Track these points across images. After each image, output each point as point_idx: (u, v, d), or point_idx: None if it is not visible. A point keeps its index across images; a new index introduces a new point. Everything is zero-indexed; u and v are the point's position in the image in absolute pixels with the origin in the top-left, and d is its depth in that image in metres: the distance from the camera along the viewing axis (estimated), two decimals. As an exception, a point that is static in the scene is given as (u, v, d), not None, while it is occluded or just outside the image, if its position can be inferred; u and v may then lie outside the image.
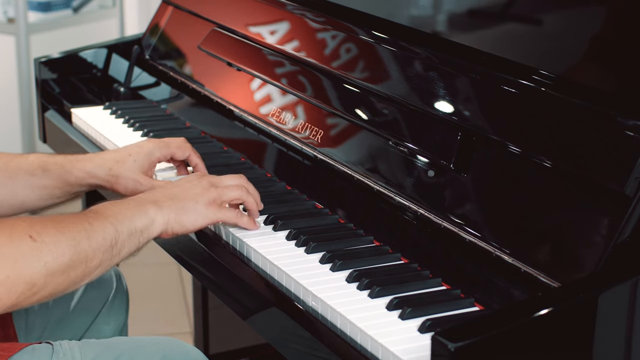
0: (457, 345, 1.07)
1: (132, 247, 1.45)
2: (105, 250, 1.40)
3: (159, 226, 1.48)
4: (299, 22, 1.93)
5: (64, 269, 1.34)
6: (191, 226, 1.51)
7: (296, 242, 1.53)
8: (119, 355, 1.48)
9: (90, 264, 1.38)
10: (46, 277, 1.33)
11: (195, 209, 1.51)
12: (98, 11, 4.26)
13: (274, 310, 1.42)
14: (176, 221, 1.49)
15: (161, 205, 1.49)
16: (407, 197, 1.53)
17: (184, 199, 1.51)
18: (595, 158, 1.30)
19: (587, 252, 1.27)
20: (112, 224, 1.42)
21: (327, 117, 1.75)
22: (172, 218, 1.49)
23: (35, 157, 1.72)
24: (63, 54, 2.42)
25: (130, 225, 1.44)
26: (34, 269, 1.31)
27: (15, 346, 1.44)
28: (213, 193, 1.54)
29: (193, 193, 1.53)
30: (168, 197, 1.51)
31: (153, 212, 1.47)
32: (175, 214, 1.49)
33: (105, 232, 1.40)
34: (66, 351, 1.46)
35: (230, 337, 2.63)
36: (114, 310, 1.85)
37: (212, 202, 1.53)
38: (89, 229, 1.39)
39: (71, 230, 1.37)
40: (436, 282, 1.41)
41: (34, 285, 1.32)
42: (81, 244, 1.37)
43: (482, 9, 1.64)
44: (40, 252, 1.32)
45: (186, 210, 1.50)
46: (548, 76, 1.43)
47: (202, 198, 1.52)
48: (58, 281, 1.35)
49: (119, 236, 1.42)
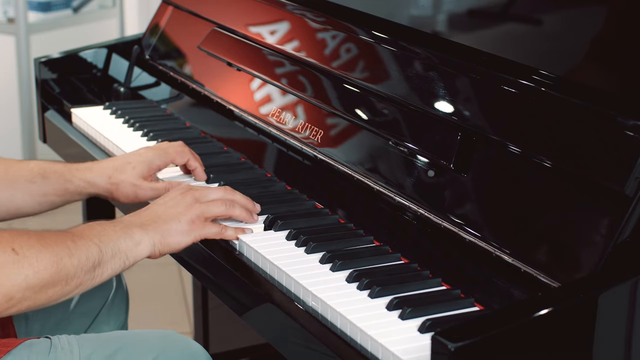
0: (457, 345, 1.07)
1: (117, 269, 1.46)
2: (88, 270, 1.41)
3: (146, 248, 1.49)
4: (299, 22, 1.93)
5: (43, 285, 1.35)
6: (177, 246, 1.52)
7: (296, 242, 1.53)
8: (117, 348, 1.48)
9: (70, 282, 1.39)
10: (24, 291, 1.33)
11: (179, 229, 1.52)
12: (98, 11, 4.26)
13: (274, 310, 1.42)
14: (162, 243, 1.50)
15: (146, 228, 1.49)
16: (407, 197, 1.53)
17: (167, 220, 1.52)
18: (595, 158, 1.30)
19: (587, 252, 1.27)
20: (97, 244, 1.42)
21: (327, 117, 1.75)
22: (157, 240, 1.50)
23: (35, 164, 1.72)
24: (63, 54, 2.42)
25: (115, 247, 1.45)
26: (15, 281, 1.32)
27: (13, 341, 1.45)
28: (196, 210, 1.54)
29: (176, 212, 1.53)
30: (152, 219, 1.52)
31: (139, 236, 1.48)
32: (161, 236, 1.50)
33: (88, 252, 1.41)
34: (64, 345, 1.46)
35: (230, 337, 2.63)
36: (114, 310, 1.85)
37: (195, 220, 1.53)
38: (73, 248, 1.39)
39: (54, 246, 1.37)
40: (436, 282, 1.41)
41: (11, 299, 1.32)
42: (63, 260, 1.37)
43: (482, 9, 1.64)
44: (21, 266, 1.33)
45: (170, 232, 1.51)
46: (548, 76, 1.43)
47: (185, 217, 1.52)
48: (36, 296, 1.35)
49: (103, 257, 1.42)
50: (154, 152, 1.75)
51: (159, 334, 1.56)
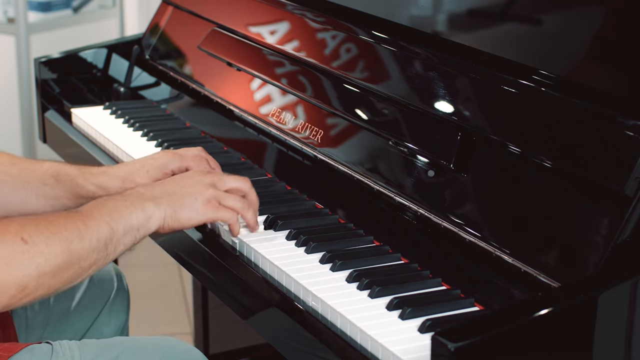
0: (457, 345, 1.07)
1: (128, 244, 1.45)
2: (100, 250, 1.40)
3: (156, 222, 1.47)
4: (299, 22, 1.93)
5: (55, 271, 1.34)
6: (187, 222, 1.50)
7: (296, 242, 1.53)
8: (118, 355, 1.47)
9: (83, 264, 1.38)
10: (38, 279, 1.32)
11: (193, 205, 1.50)
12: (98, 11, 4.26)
13: (274, 310, 1.42)
14: (172, 217, 1.48)
15: (159, 201, 1.48)
16: (407, 197, 1.53)
17: (182, 195, 1.50)
18: (595, 158, 1.30)
19: (587, 252, 1.27)
20: (107, 222, 1.41)
21: (327, 117, 1.75)
22: (168, 214, 1.48)
23: (50, 165, 1.70)
24: (63, 54, 2.42)
25: (126, 223, 1.43)
26: (26, 271, 1.31)
27: (15, 346, 1.44)
28: (213, 192, 1.52)
29: (192, 190, 1.51)
30: (166, 192, 1.50)
31: (150, 209, 1.46)
32: (173, 210, 1.48)
33: (99, 232, 1.40)
34: (66, 351, 1.46)
35: (230, 337, 2.63)
36: (115, 310, 1.85)
37: (210, 201, 1.51)
38: (83, 230, 1.38)
39: (64, 231, 1.36)
40: (436, 282, 1.41)
41: (25, 288, 1.31)
42: (74, 244, 1.36)
43: (482, 9, 1.64)
44: (32, 255, 1.32)
45: (183, 207, 1.49)
46: (548, 76, 1.43)
47: (201, 196, 1.51)
48: (50, 282, 1.34)
49: (114, 234, 1.41)
50: (170, 156, 1.70)
51: (159, 340, 1.55)
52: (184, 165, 1.70)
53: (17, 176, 1.68)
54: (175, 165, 1.69)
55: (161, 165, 1.68)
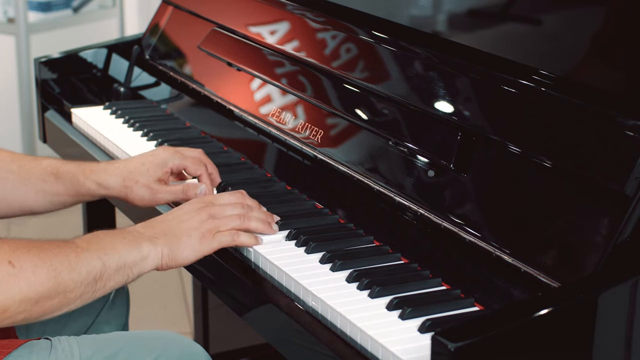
0: (457, 345, 1.07)
1: (121, 281, 1.43)
2: (88, 283, 1.38)
3: (152, 262, 1.46)
4: (299, 22, 1.93)
5: (39, 298, 1.34)
6: (184, 261, 1.49)
7: (296, 242, 1.53)
8: (118, 350, 1.47)
9: (69, 295, 1.37)
10: (19, 304, 1.32)
11: (189, 243, 1.48)
12: (98, 11, 4.26)
13: (274, 310, 1.42)
14: (169, 257, 1.47)
15: (155, 241, 1.47)
16: (407, 197, 1.53)
17: (178, 234, 1.48)
18: (595, 158, 1.30)
19: (587, 252, 1.27)
20: (100, 258, 1.40)
21: (327, 117, 1.75)
22: (165, 254, 1.47)
23: (49, 162, 1.70)
24: (63, 54, 2.42)
25: (120, 260, 1.42)
26: (8, 294, 1.31)
27: (14, 342, 1.44)
28: (209, 224, 1.50)
29: (187, 227, 1.49)
30: (163, 232, 1.49)
31: (147, 249, 1.45)
32: (169, 250, 1.47)
33: (90, 266, 1.38)
34: (65, 347, 1.46)
35: (230, 337, 2.63)
36: (115, 310, 1.85)
37: (206, 234, 1.49)
38: (74, 261, 1.37)
39: (53, 260, 1.35)
40: (436, 282, 1.41)
41: (6, 310, 1.31)
42: (62, 274, 1.35)
43: (482, 9, 1.64)
44: (16, 279, 1.31)
45: (179, 246, 1.48)
46: (548, 76, 1.43)
47: (196, 232, 1.49)
48: (32, 309, 1.34)
49: (105, 271, 1.40)
50: (170, 153, 1.70)
51: (159, 334, 1.55)
52: (182, 164, 1.70)
53: (17, 173, 1.68)
54: (175, 164, 1.70)
55: (161, 163, 1.69)
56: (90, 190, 1.68)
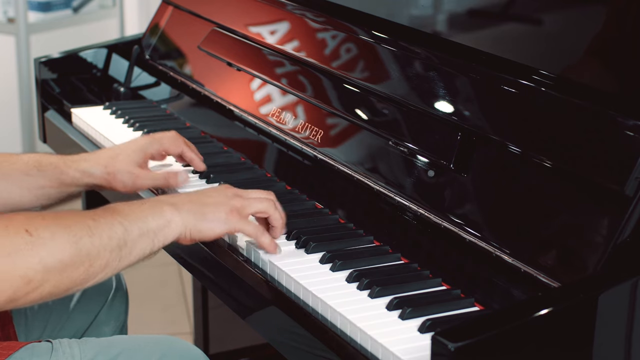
0: (457, 345, 1.07)
1: (146, 249, 1.39)
2: (112, 249, 1.35)
3: (176, 229, 1.42)
4: (299, 22, 1.93)
5: (62, 267, 1.30)
6: (209, 233, 1.45)
7: (296, 242, 1.53)
8: (118, 353, 1.47)
9: (94, 263, 1.33)
10: (43, 274, 1.29)
11: (216, 215, 1.44)
12: (98, 11, 4.26)
13: (274, 310, 1.42)
14: (194, 226, 1.43)
15: (179, 207, 1.43)
16: (407, 197, 1.53)
17: (204, 204, 1.45)
18: (595, 158, 1.30)
19: (587, 252, 1.27)
20: (121, 223, 1.36)
21: (327, 117, 1.75)
22: (190, 222, 1.43)
23: (30, 157, 1.71)
24: (63, 54, 2.42)
25: (142, 225, 1.38)
26: (29, 263, 1.28)
27: (14, 345, 1.44)
28: (237, 202, 1.47)
29: (215, 200, 1.46)
30: (188, 200, 1.45)
31: (170, 214, 1.41)
32: (195, 219, 1.43)
33: (111, 231, 1.35)
34: (65, 349, 1.46)
35: (230, 337, 2.63)
36: (114, 310, 1.85)
37: (233, 211, 1.46)
38: (93, 226, 1.34)
39: (72, 227, 1.32)
40: (436, 282, 1.41)
41: (30, 281, 1.28)
42: (82, 240, 1.32)
43: (482, 9, 1.64)
44: (35, 247, 1.28)
45: (205, 216, 1.44)
46: (548, 76, 1.43)
47: (224, 206, 1.46)
48: (57, 279, 1.30)
49: (128, 236, 1.36)
50: (148, 139, 1.75)
51: (159, 339, 1.55)
52: (162, 148, 1.75)
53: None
54: (154, 149, 1.74)
55: (141, 149, 1.72)
56: (75, 178, 1.69)
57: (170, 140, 1.75)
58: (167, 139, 1.75)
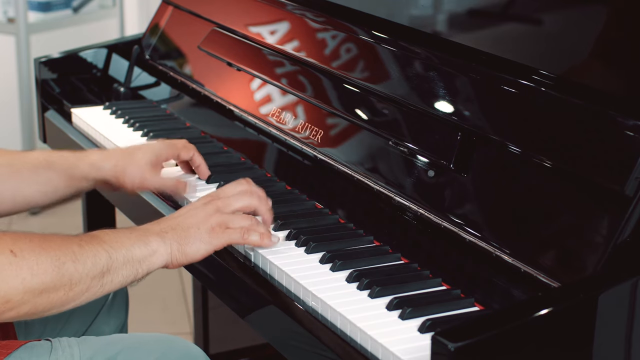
0: (457, 345, 1.07)
1: (129, 277, 1.42)
2: (95, 276, 1.37)
3: (161, 257, 1.44)
4: (299, 22, 1.93)
5: (43, 289, 1.32)
6: (195, 255, 1.47)
7: (296, 242, 1.53)
8: (118, 352, 1.47)
9: (75, 288, 1.35)
10: (23, 295, 1.30)
11: (198, 236, 1.46)
12: (98, 11, 4.26)
13: (274, 310, 1.43)
14: (179, 251, 1.45)
15: (164, 237, 1.45)
16: (407, 197, 1.53)
17: (186, 227, 1.47)
18: (595, 158, 1.30)
19: (587, 252, 1.27)
20: (106, 250, 1.38)
21: (327, 117, 1.75)
22: (175, 249, 1.45)
23: (40, 152, 1.72)
24: (63, 54, 2.42)
25: (127, 254, 1.40)
26: (10, 283, 1.29)
27: (14, 343, 1.44)
28: (217, 218, 1.49)
29: (196, 220, 1.48)
30: (171, 227, 1.47)
31: (155, 244, 1.44)
32: (178, 244, 1.45)
33: (96, 257, 1.37)
34: (65, 348, 1.46)
35: (230, 337, 2.63)
36: (114, 310, 1.85)
37: (216, 227, 1.48)
38: (78, 252, 1.36)
39: (57, 250, 1.34)
40: (436, 282, 1.41)
41: (8, 301, 1.29)
42: (66, 265, 1.33)
43: (482, 9, 1.64)
44: (18, 268, 1.30)
45: (188, 239, 1.46)
46: (548, 76, 1.43)
47: (205, 225, 1.48)
48: (37, 300, 1.32)
49: (113, 263, 1.38)
50: (163, 144, 1.76)
51: (159, 337, 1.55)
52: (175, 153, 1.77)
53: (8, 166, 1.69)
54: (168, 153, 1.76)
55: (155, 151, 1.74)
56: (84, 172, 1.69)
57: (184, 146, 1.78)
58: (181, 145, 1.78)
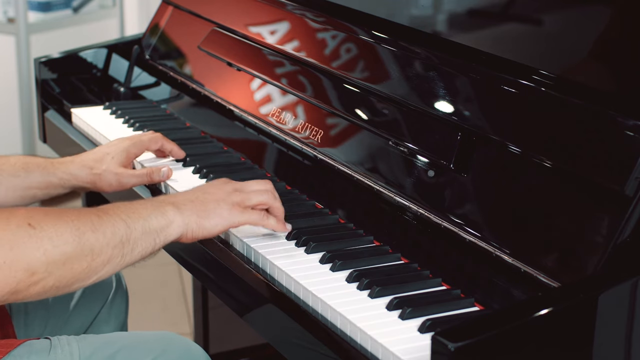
0: (457, 345, 1.07)
1: (147, 248, 1.41)
2: (115, 245, 1.36)
3: (178, 228, 1.43)
4: (299, 22, 1.93)
5: (65, 259, 1.31)
6: (212, 229, 1.46)
7: (296, 242, 1.53)
8: (117, 350, 1.47)
9: (97, 259, 1.34)
10: (47, 266, 1.30)
11: (217, 211, 1.46)
12: (98, 11, 4.26)
13: (274, 310, 1.43)
14: (197, 224, 1.45)
15: (181, 207, 1.45)
16: (407, 197, 1.53)
17: (205, 201, 1.47)
18: (595, 158, 1.30)
19: (587, 252, 1.27)
20: (124, 220, 1.38)
21: (327, 117, 1.75)
22: (192, 220, 1.44)
23: (17, 158, 1.74)
24: (63, 54, 2.42)
25: (145, 224, 1.40)
26: (33, 256, 1.29)
27: (13, 342, 1.44)
28: (236, 197, 1.49)
29: (215, 196, 1.48)
30: (189, 199, 1.47)
31: (172, 214, 1.43)
32: (197, 217, 1.45)
33: (115, 227, 1.36)
34: (64, 346, 1.46)
35: (230, 337, 2.63)
36: (114, 310, 1.85)
37: (235, 205, 1.48)
38: (97, 222, 1.35)
39: (75, 221, 1.34)
40: (436, 282, 1.41)
41: (33, 274, 1.29)
42: (86, 235, 1.33)
43: (482, 9, 1.64)
44: (39, 239, 1.29)
45: (208, 213, 1.46)
46: (548, 76, 1.43)
47: (225, 201, 1.48)
48: (60, 272, 1.31)
49: (132, 233, 1.38)
50: (130, 141, 1.81)
51: (159, 335, 1.55)
52: (143, 147, 1.82)
53: None
54: (137, 149, 1.81)
55: (124, 150, 1.78)
56: (61, 180, 1.74)
57: (150, 139, 1.83)
58: (147, 138, 1.83)
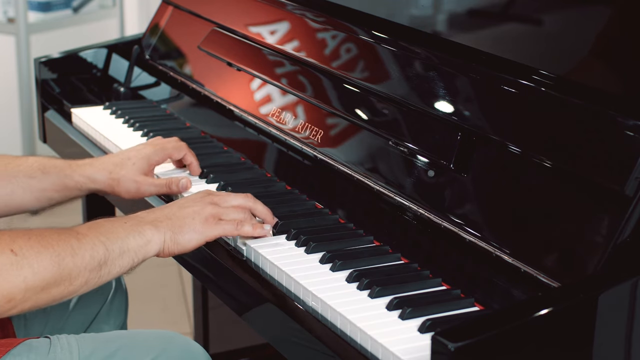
0: (457, 345, 1.07)
1: (125, 266, 1.43)
2: (93, 268, 1.39)
3: (155, 245, 1.46)
4: (299, 22, 1.93)
5: (44, 286, 1.34)
6: (187, 244, 1.49)
7: (296, 242, 1.53)
8: (117, 348, 1.48)
9: (74, 282, 1.37)
10: (25, 292, 1.32)
11: (192, 226, 1.49)
12: (98, 11, 4.26)
13: (274, 310, 1.42)
14: (172, 240, 1.48)
15: (158, 225, 1.47)
16: (407, 197, 1.53)
17: (181, 216, 1.49)
18: (595, 158, 1.30)
19: (587, 252, 1.27)
20: (103, 242, 1.40)
21: (327, 117, 1.75)
22: (168, 237, 1.47)
23: (35, 159, 1.73)
24: (63, 54, 2.42)
25: (123, 244, 1.42)
26: (13, 283, 1.31)
27: (12, 341, 1.45)
28: (212, 210, 1.51)
29: (191, 210, 1.50)
30: (166, 216, 1.49)
31: (150, 233, 1.46)
32: (172, 233, 1.47)
33: (93, 250, 1.39)
34: (64, 345, 1.46)
35: (230, 337, 2.63)
36: (113, 310, 1.85)
37: (209, 219, 1.50)
38: (76, 246, 1.37)
39: (55, 246, 1.36)
40: (436, 282, 1.41)
41: (11, 300, 1.31)
42: (65, 260, 1.35)
43: (482, 9, 1.64)
44: (19, 267, 1.31)
45: (182, 228, 1.48)
46: (548, 76, 1.43)
47: (200, 215, 1.50)
48: (38, 296, 1.34)
49: (109, 255, 1.40)
50: (153, 148, 1.77)
51: (158, 334, 1.56)
52: (167, 155, 1.79)
53: (3, 171, 1.70)
54: (160, 157, 1.77)
55: (146, 157, 1.75)
56: (78, 183, 1.72)
57: (175, 147, 1.80)
58: (171, 146, 1.79)
